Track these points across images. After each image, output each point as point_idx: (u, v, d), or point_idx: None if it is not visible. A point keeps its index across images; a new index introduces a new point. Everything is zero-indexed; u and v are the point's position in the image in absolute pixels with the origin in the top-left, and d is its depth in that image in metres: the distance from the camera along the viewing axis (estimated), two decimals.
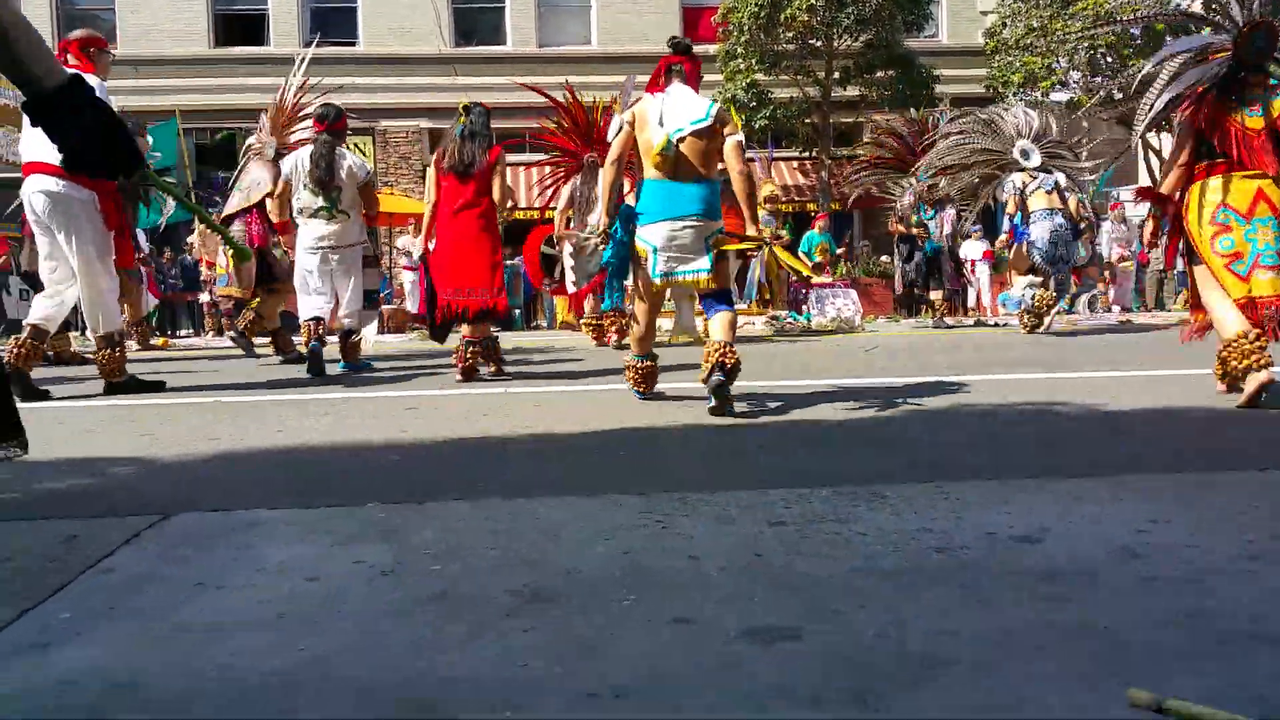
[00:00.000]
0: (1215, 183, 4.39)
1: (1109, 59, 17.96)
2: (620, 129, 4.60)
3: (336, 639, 1.69)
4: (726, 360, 4.11)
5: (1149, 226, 4.69)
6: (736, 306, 5.10)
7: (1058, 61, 17.90)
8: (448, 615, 1.80)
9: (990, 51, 18.88)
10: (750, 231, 4.53)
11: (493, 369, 6.32)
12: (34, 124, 1.57)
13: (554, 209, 10.16)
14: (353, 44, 19.62)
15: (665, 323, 7.86)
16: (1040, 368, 6.28)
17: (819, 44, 18.37)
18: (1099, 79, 18.45)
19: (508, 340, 8.58)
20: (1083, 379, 5.61)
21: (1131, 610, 1.75)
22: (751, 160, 6.42)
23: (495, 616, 1.79)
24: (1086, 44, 17.40)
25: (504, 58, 18.86)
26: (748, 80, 18.20)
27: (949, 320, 13.09)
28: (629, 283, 4.72)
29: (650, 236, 4.38)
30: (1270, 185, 4.32)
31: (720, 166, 4.51)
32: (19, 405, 2.08)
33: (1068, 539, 2.22)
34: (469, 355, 6.05)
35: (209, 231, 8.33)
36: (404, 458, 3.57)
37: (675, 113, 4.37)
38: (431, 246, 6.46)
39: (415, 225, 15.80)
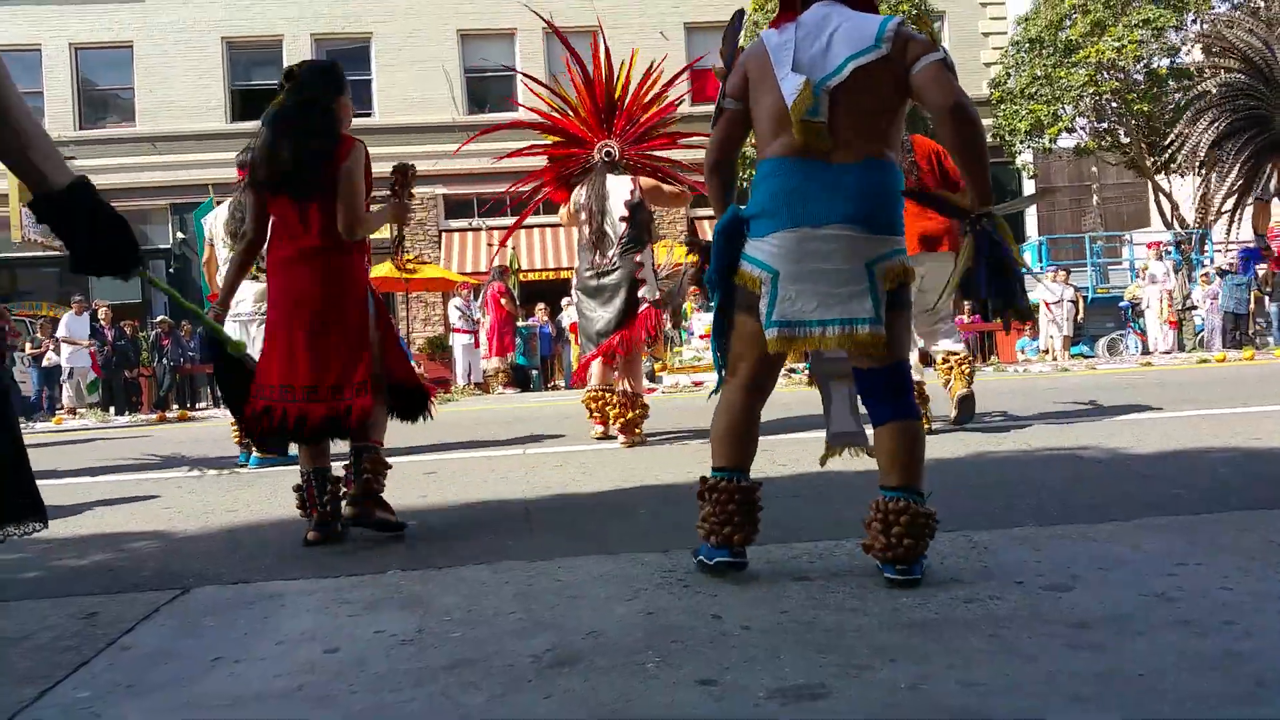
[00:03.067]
0: None
1: (1114, 104, 18.11)
2: (716, 110, 2.59)
3: (356, 710, 1.67)
4: (919, 541, 2.29)
5: None
6: None
7: (1063, 109, 18.07)
8: (469, 683, 1.77)
9: (996, 101, 19.10)
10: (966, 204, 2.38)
11: (353, 512, 3.16)
12: (40, 221, 1.61)
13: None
14: (368, 115, 20.08)
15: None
16: (1062, 413, 6.22)
17: None
18: (1104, 124, 18.59)
19: (525, 405, 8.28)
20: (1106, 422, 5.55)
21: (1166, 655, 1.70)
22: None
23: (517, 682, 1.76)
24: (1091, 90, 17.57)
25: (518, 124, 19.17)
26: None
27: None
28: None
29: (766, 255, 2.41)
30: None
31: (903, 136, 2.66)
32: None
33: (1098, 585, 2.17)
34: (320, 498, 3.24)
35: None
36: (424, 523, 3.55)
37: (820, 47, 2.39)
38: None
39: (468, 288, 15.93)
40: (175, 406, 14.40)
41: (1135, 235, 19.62)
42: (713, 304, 2.55)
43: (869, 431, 2.54)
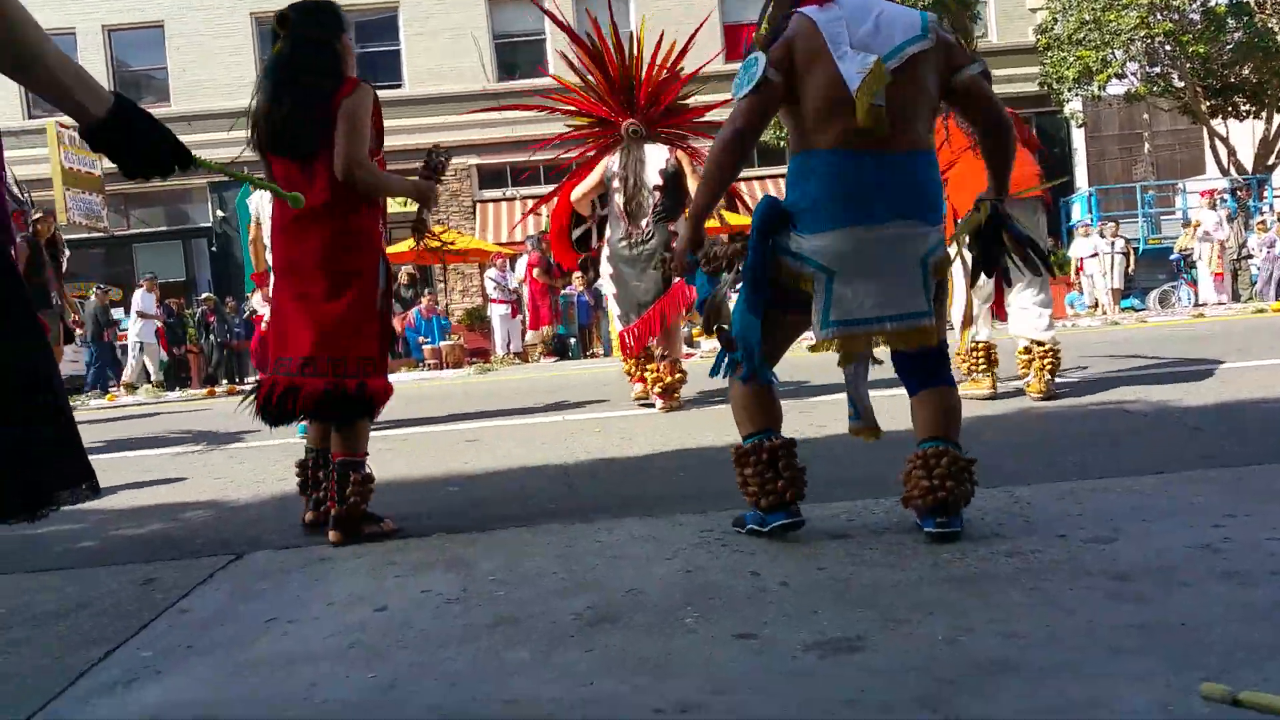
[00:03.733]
0: None
1: (1168, 47, 17.50)
2: (758, 80, 2.31)
3: (406, 666, 1.72)
4: (960, 484, 2.29)
5: None
6: None
7: (1113, 54, 17.49)
8: (514, 639, 1.81)
9: (1043, 48, 18.56)
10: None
11: (337, 537, 2.79)
12: (95, 150, 1.66)
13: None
14: (398, 86, 20.09)
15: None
16: (1110, 366, 6.12)
17: None
18: (1157, 68, 17.99)
19: (564, 373, 8.30)
20: (1154, 375, 5.45)
21: (1212, 606, 1.69)
22: None
23: (560, 638, 1.80)
24: (1143, 33, 17.00)
25: (550, 90, 19.09)
26: None
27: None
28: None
29: (820, 254, 2.31)
30: None
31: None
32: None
33: (1142, 538, 2.15)
34: (320, 491, 3.03)
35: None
36: (466, 488, 3.62)
37: (869, 28, 2.30)
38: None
39: (503, 259, 16.03)
40: (224, 382, 14.70)
41: (1189, 184, 19.06)
42: (741, 294, 2.42)
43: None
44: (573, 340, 15.44)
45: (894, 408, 2.65)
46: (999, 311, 4.96)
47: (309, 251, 2.83)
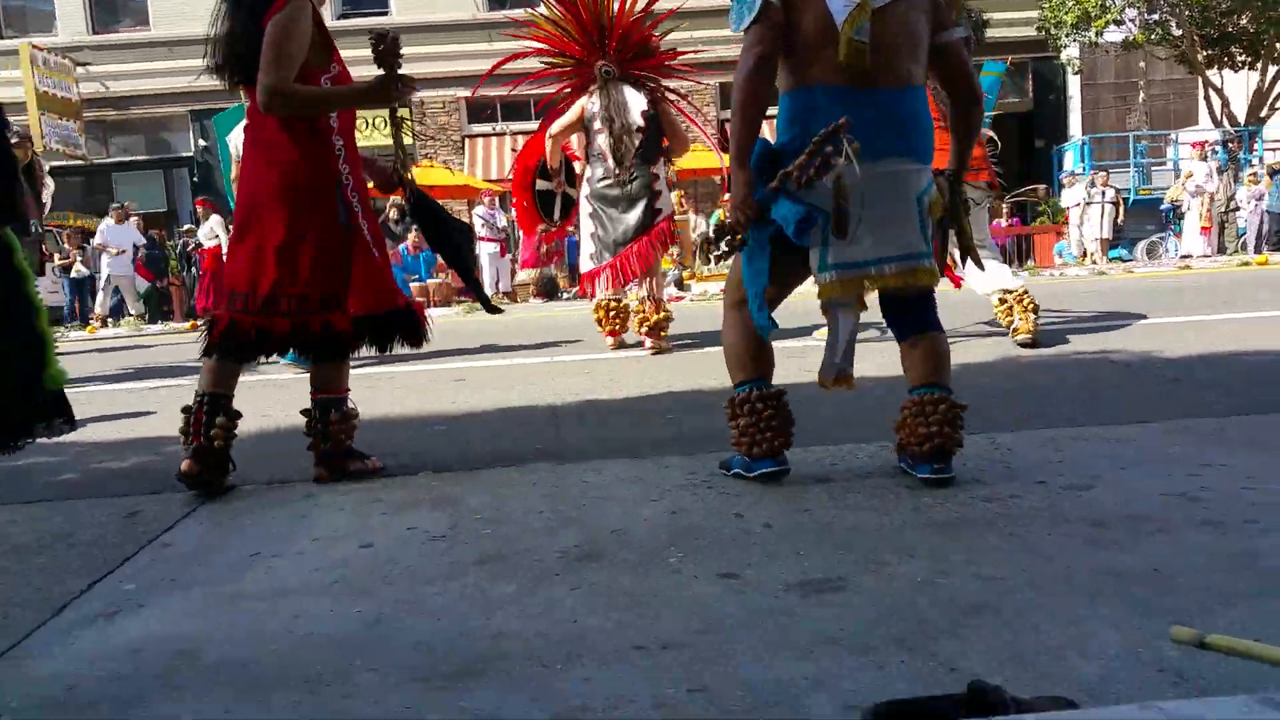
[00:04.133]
0: None
1: None
2: (760, 6, 2.25)
3: (391, 601, 1.74)
4: (955, 430, 2.32)
5: None
6: None
7: None
8: (499, 576, 1.83)
9: None
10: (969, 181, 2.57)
11: (321, 473, 2.78)
12: None
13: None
14: (384, 13, 19.61)
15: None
16: (1095, 316, 6.15)
17: None
18: (1156, 15, 17.75)
19: (552, 313, 8.20)
20: (1138, 326, 5.48)
21: (1182, 553, 1.72)
22: None
23: (546, 576, 1.82)
24: None
25: (527, 23, 18.55)
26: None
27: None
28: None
29: (814, 195, 2.23)
30: None
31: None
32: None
33: (1120, 485, 2.18)
34: (206, 429, 2.68)
35: None
36: (453, 427, 3.63)
37: None
38: None
39: (492, 196, 15.88)
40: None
41: (1181, 135, 18.95)
42: (751, 239, 2.34)
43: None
44: (560, 280, 15.36)
45: (874, 361, 2.66)
46: (953, 279, 5.01)
47: (261, 183, 2.68)
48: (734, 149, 2.37)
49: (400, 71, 2.66)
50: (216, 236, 12.79)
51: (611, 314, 5.85)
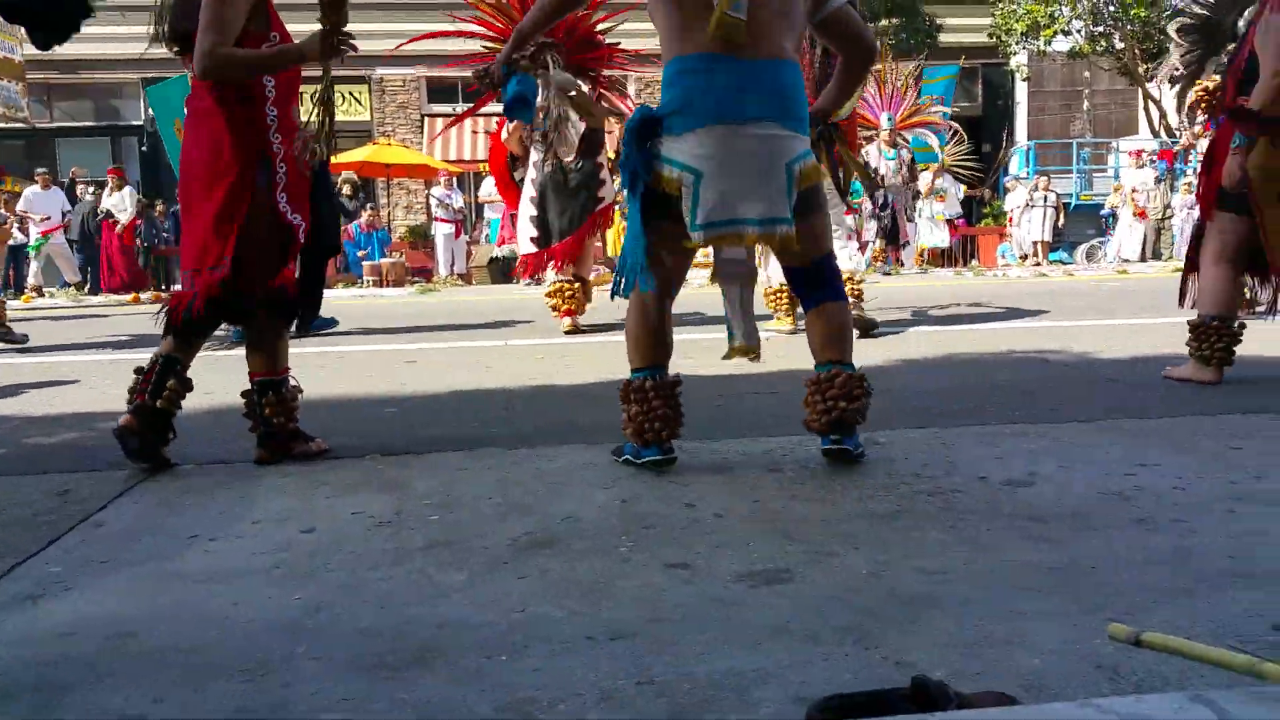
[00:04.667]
0: None
1: (1111, 7, 17.68)
2: None
3: (334, 587, 1.72)
4: (851, 403, 2.42)
5: (1232, 161, 3.52)
6: None
7: (1061, 9, 17.61)
8: (446, 563, 1.82)
9: (993, 0, 18.59)
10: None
11: (261, 455, 2.74)
12: (10, 20, 1.56)
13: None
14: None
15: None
16: (1034, 316, 6.28)
17: None
18: (1100, 28, 18.19)
19: (509, 295, 8.13)
20: (1078, 326, 5.61)
21: (1117, 551, 1.78)
22: None
23: (494, 563, 1.81)
24: None
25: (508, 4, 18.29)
26: None
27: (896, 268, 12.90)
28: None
29: (686, 155, 2.35)
30: None
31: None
32: None
33: (1058, 483, 2.24)
34: (157, 390, 2.66)
35: None
36: (404, 410, 3.58)
37: None
38: None
39: (449, 176, 15.69)
40: (150, 288, 14.19)
41: (1122, 143, 19.44)
42: (629, 207, 2.47)
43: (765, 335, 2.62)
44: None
45: (875, 344, 2.68)
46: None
47: (192, 152, 2.65)
48: (516, 28, 2.67)
49: (342, 27, 2.59)
50: (125, 210, 12.46)
51: (567, 295, 5.94)
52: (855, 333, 2.65)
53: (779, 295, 5.65)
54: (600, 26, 6.01)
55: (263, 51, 2.59)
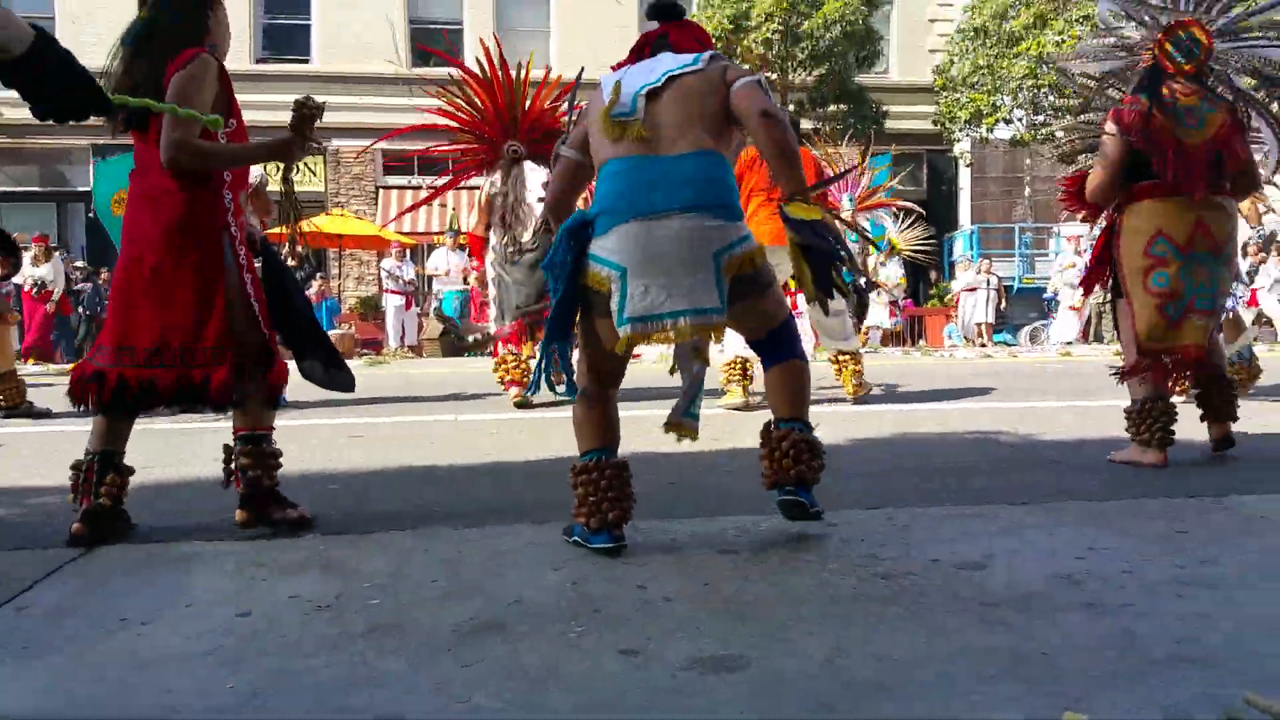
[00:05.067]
0: (1150, 207, 3.69)
1: (1051, 98, 18.47)
2: (557, 156, 2.79)
3: (269, 674, 1.64)
4: (805, 463, 2.47)
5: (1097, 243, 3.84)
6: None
7: (1003, 99, 18.36)
8: (387, 649, 1.75)
9: (939, 88, 19.33)
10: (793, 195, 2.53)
11: (244, 517, 2.78)
12: (8, 86, 1.55)
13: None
14: (306, 61, 19.42)
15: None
16: (981, 397, 6.38)
17: (774, 77, 18.68)
18: (1041, 118, 18.98)
19: (460, 369, 8.13)
20: (1023, 408, 5.71)
21: (1069, 635, 1.77)
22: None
23: (438, 649, 1.75)
24: (1030, 83, 17.89)
25: (446, 87, 18.59)
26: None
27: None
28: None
29: (610, 252, 2.43)
30: (1213, 215, 3.67)
31: (735, 138, 2.64)
32: None
33: (1010, 566, 2.24)
34: (96, 487, 2.68)
35: None
36: (346, 487, 3.50)
37: (645, 68, 2.59)
38: None
39: (401, 249, 15.70)
40: (60, 359, 13.83)
41: (1063, 229, 20.13)
42: (552, 300, 2.53)
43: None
44: (471, 338, 15.19)
45: (828, 423, 2.68)
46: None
47: (146, 232, 2.66)
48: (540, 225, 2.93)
49: (308, 136, 2.74)
50: (55, 281, 12.32)
51: (512, 365, 6.16)
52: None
53: (732, 367, 5.79)
54: (564, 120, 6.27)
55: (232, 147, 2.70)
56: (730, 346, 5.88)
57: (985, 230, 19.94)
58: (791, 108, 18.95)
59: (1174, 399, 3.84)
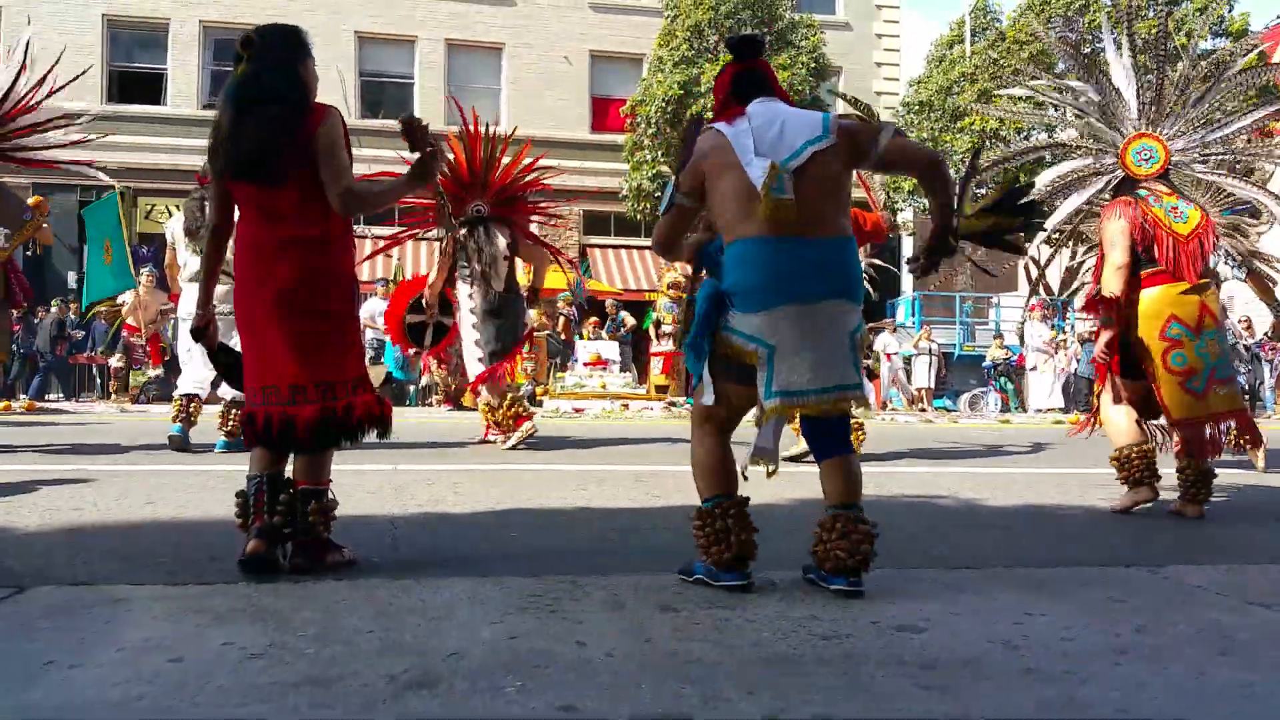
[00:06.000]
0: (1159, 294, 4.13)
1: (993, 172, 19.13)
2: (669, 202, 2.85)
3: None
4: (862, 550, 2.58)
5: (1104, 336, 4.18)
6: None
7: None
8: (320, 702, 1.71)
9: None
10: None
11: (301, 563, 2.79)
12: None
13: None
14: None
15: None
16: (924, 460, 6.48)
17: None
18: (983, 190, 19.62)
19: (398, 419, 8.04)
20: (965, 474, 5.80)
21: (1009, 700, 1.79)
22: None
23: (371, 703, 1.71)
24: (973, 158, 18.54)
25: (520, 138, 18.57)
26: (654, 171, 18.73)
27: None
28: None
29: (759, 329, 2.57)
30: (1210, 296, 4.15)
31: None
32: None
33: (949, 629, 2.26)
34: (263, 519, 2.82)
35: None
36: None
37: (775, 134, 2.64)
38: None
39: (385, 287, 15.50)
40: (22, 396, 13.43)
41: (1003, 298, 20.68)
42: (690, 358, 2.72)
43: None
44: (411, 388, 15.04)
45: (770, 484, 2.70)
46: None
47: (287, 278, 2.78)
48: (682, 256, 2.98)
49: (432, 143, 2.88)
50: None
51: (495, 412, 6.70)
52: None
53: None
54: (527, 180, 6.94)
55: (386, 183, 2.93)
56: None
57: (927, 298, 20.40)
58: None
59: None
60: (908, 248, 21.51)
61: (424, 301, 7.03)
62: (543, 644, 2.07)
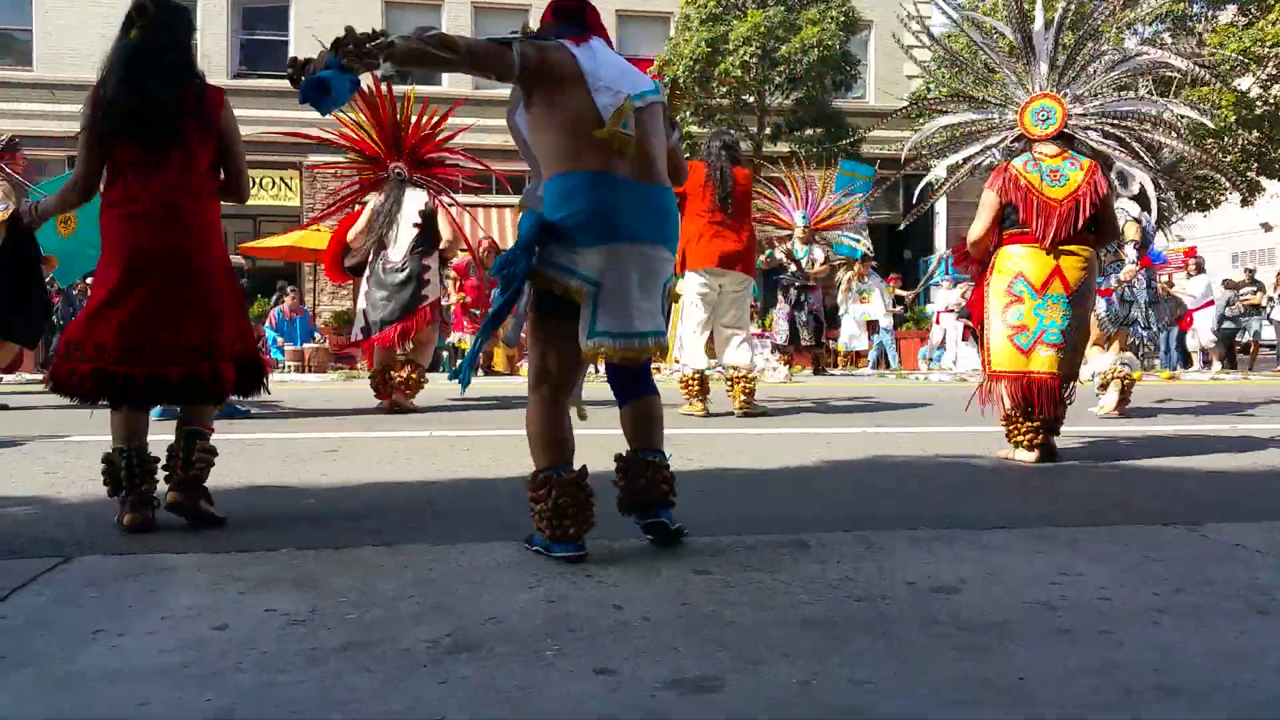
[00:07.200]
0: (1015, 252, 4.41)
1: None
2: (514, 46, 2.48)
3: (244, 689, 1.63)
4: (669, 486, 2.69)
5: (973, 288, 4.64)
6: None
7: None
8: (361, 666, 1.74)
9: (915, 116, 19.56)
10: None
11: (175, 498, 2.97)
12: None
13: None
14: (283, 76, 19.43)
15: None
16: (958, 421, 6.43)
17: (752, 100, 18.82)
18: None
19: (433, 385, 8.09)
20: (994, 432, 5.75)
21: (1045, 662, 1.78)
22: None
23: (411, 667, 1.74)
24: None
25: (439, 98, 18.51)
26: (683, 131, 18.52)
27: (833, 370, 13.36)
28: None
29: (589, 266, 2.49)
30: (1069, 262, 4.30)
31: None
32: None
33: (985, 590, 2.25)
34: (136, 493, 2.92)
35: None
36: (322, 501, 3.47)
37: (618, 72, 2.59)
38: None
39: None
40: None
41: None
42: (499, 295, 2.52)
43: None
44: (444, 354, 15.13)
45: (754, 455, 2.70)
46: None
47: (163, 242, 2.89)
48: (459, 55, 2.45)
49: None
50: None
51: (381, 380, 6.74)
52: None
53: (690, 381, 6.44)
54: (445, 145, 7.06)
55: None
56: (689, 362, 6.44)
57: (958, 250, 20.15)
58: (768, 131, 19.13)
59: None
60: (941, 203, 21.19)
61: (349, 245, 6.95)
62: (580, 608, 2.10)
